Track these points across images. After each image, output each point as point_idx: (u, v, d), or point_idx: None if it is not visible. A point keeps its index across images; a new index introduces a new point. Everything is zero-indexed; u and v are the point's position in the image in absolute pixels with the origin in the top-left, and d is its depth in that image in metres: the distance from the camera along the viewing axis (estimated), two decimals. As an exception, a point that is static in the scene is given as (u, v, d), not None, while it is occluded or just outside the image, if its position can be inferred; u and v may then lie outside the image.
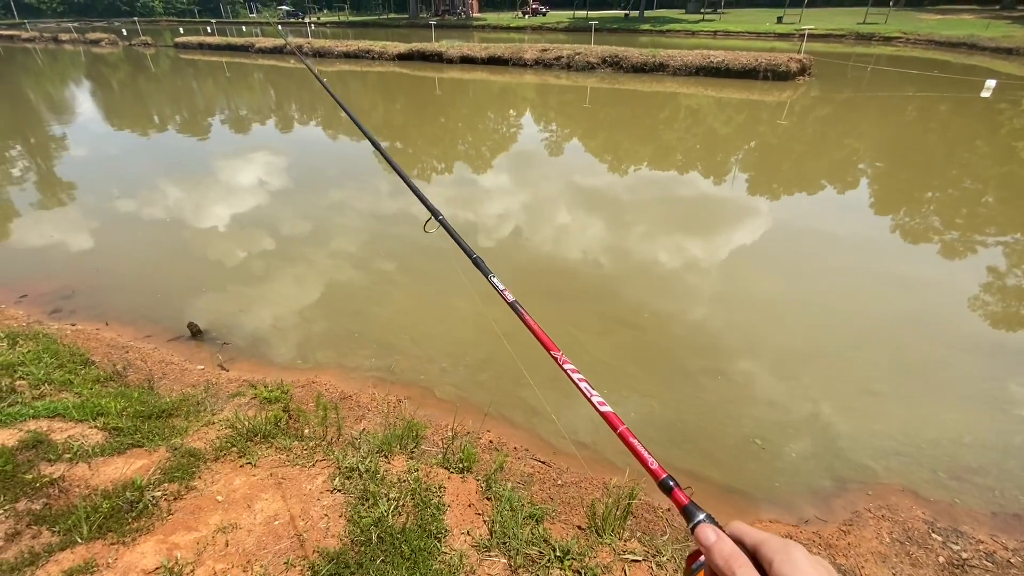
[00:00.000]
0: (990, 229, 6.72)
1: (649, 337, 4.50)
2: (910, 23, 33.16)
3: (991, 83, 14.03)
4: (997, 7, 40.62)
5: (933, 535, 2.71)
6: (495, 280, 1.15)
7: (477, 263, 1.21)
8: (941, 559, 2.57)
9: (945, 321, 4.76)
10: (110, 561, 2.10)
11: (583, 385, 0.75)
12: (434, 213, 1.59)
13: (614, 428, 0.69)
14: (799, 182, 8.72)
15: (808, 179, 8.84)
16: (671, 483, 0.60)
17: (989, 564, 2.55)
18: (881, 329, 4.60)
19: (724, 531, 0.51)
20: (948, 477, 3.12)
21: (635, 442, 0.66)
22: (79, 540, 2.17)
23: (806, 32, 22.47)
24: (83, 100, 17.63)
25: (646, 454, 0.64)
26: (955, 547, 2.64)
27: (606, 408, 0.71)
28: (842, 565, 2.52)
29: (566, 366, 0.78)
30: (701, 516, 0.54)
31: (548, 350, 0.82)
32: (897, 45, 28.00)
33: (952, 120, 12.70)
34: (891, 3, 38.89)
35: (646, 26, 38.21)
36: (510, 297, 1.07)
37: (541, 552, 2.28)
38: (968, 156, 9.84)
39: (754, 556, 0.47)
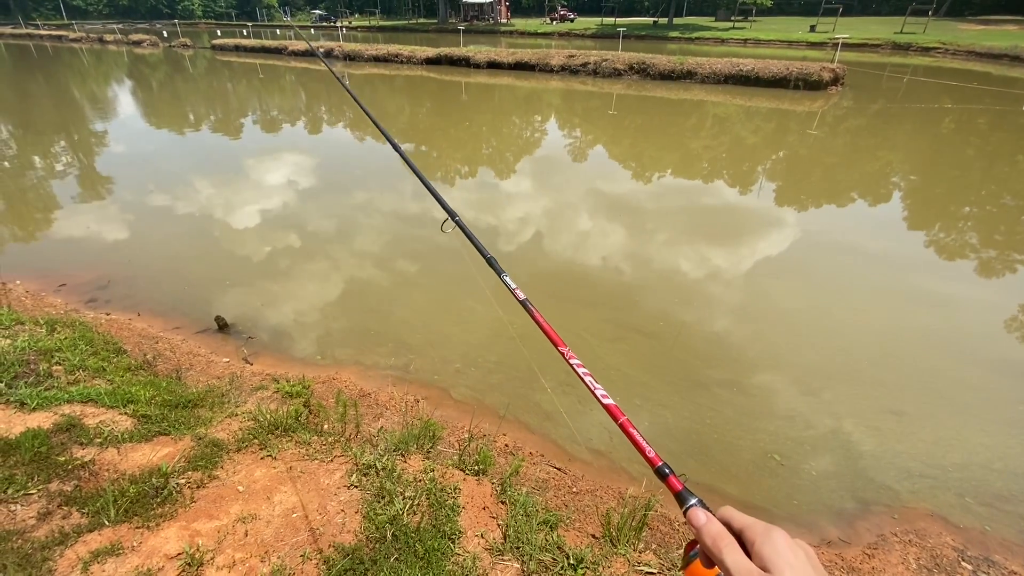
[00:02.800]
0: (1030, 247, 6.47)
1: (665, 346, 4.45)
2: (950, 33, 32.21)
3: (1035, 96, 13.55)
4: (1044, 18, 39.16)
5: (963, 563, 2.61)
6: (507, 279, 1.20)
7: (491, 263, 1.27)
8: (970, 588, 2.47)
9: (977, 341, 4.59)
10: (135, 544, 2.17)
11: (587, 379, 0.79)
12: (451, 214, 1.64)
13: (615, 419, 0.73)
14: (828, 194, 8.53)
15: (838, 191, 8.64)
16: (666, 470, 0.64)
17: (1021, 596, 2.44)
18: (909, 347, 4.46)
19: (714, 515, 0.55)
20: (977, 503, 3.00)
21: (634, 432, 0.71)
22: (106, 522, 2.24)
23: (840, 41, 22.01)
24: (124, 99, 18.30)
25: (644, 443, 0.69)
26: (985, 577, 2.54)
27: (608, 400, 0.75)
28: (864, 588, 2.45)
29: (572, 361, 0.83)
30: (693, 500, 0.58)
31: (556, 345, 0.88)
32: (935, 56, 27.23)
33: (992, 134, 12.28)
34: (930, 12, 37.84)
35: (675, 33, 37.94)
36: (521, 295, 1.13)
37: (555, 559, 2.27)
38: (1008, 171, 9.50)
39: (740, 538, 0.51)
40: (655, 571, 2.29)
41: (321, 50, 28.05)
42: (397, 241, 6.60)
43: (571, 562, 2.25)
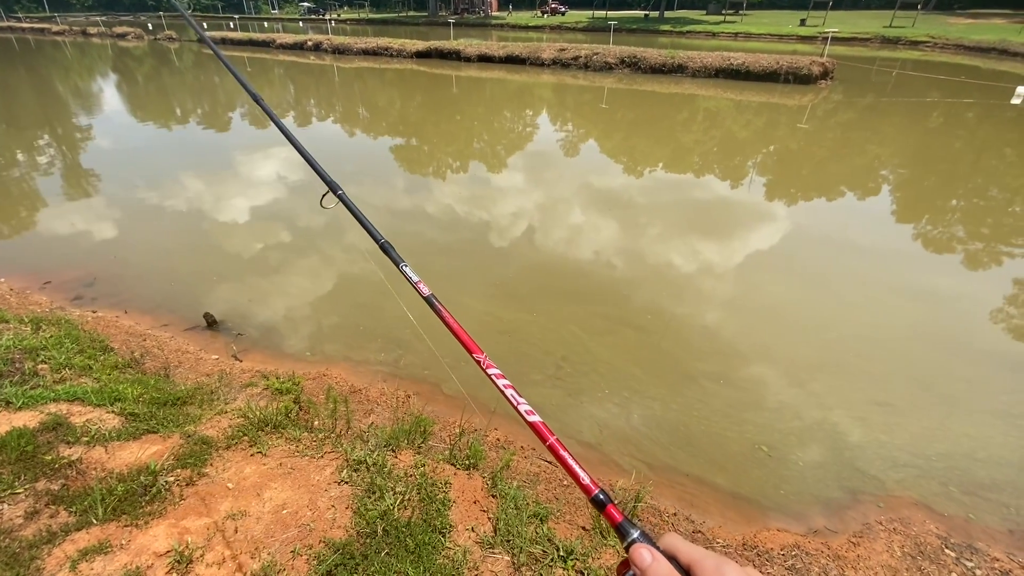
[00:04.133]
0: (1017, 240, 6.56)
1: (655, 340, 4.48)
2: (938, 27, 32.43)
3: (1022, 89, 13.68)
4: (1030, 12, 39.50)
5: (946, 551, 2.66)
6: (407, 269, 1.05)
7: (385, 249, 1.07)
8: (954, 575, 2.52)
9: (963, 333, 4.66)
10: (123, 542, 2.16)
11: (509, 392, 0.71)
12: (332, 187, 1.37)
13: (543, 440, 0.65)
14: (818, 188, 8.59)
15: (828, 185, 8.70)
16: (603, 498, 0.58)
17: (1002, 582, 2.49)
18: (896, 339, 4.52)
19: (658, 547, 0.51)
20: (961, 492, 3.06)
21: (565, 455, 0.64)
22: (94, 521, 2.23)
23: (830, 35, 22.10)
24: (109, 93, 18.01)
25: (577, 469, 0.62)
26: (969, 564, 2.59)
27: (534, 418, 0.68)
28: (850, 576, 2.49)
29: (490, 371, 0.73)
30: (635, 534, 0.53)
31: (470, 352, 0.76)
32: (924, 49, 27.41)
33: (980, 127, 12.41)
34: (919, 6, 38.05)
35: (666, 27, 37.89)
36: (425, 291, 0.99)
37: (545, 551, 2.29)
38: (996, 164, 9.61)
39: (688, 572, 0.48)
40: None
41: (309, 43, 27.74)
42: (388, 235, 6.54)
43: (561, 554, 2.27)
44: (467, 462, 2.83)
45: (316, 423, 3.16)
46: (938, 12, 43.05)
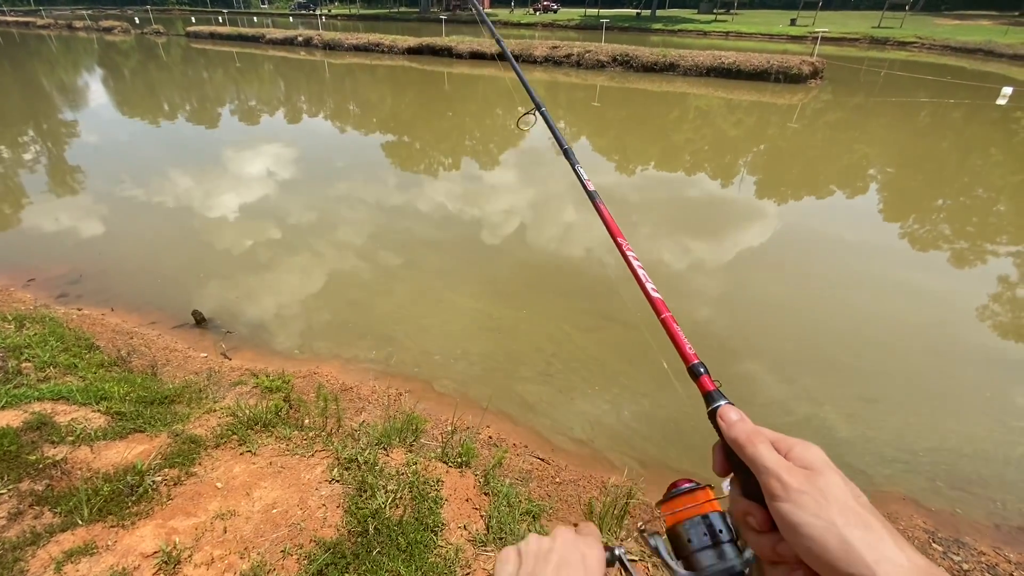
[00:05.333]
0: (1001, 238, 6.66)
1: (644, 337, 4.48)
2: (926, 28, 32.80)
3: (1007, 90, 13.87)
4: (1016, 13, 40.10)
5: (934, 544, 2.69)
6: (580, 169, 1.18)
7: (567, 153, 1.23)
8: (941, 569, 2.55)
9: (949, 330, 4.72)
10: (109, 543, 2.12)
11: (641, 272, 0.78)
12: (538, 105, 1.50)
13: (658, 313, 0.72)
14: (808, 186, 8.66)
15: (817, 183, 8.78)
16: (701, 369, 0.62)
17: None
18: (885, 336, 4.57)
19: None
20: (947, 487, 3.10)
21: (676, 328, 0.69)
22: (80, 522, 2.19)
23: (819, 35, 22.25)
24: (95, 87, 17.73)
25: (684, 339, 0.67)
26: (956, 558, 2.62)
27: (656, 294, 0.74)
28: None
29: (628, 253, 0.81)
30: (724, 401, 0.56)
31: (614, 236, 0.87)
32: (912, 50, 27.71)
33: (966, 127, 12.57)
34: (907, 7, 38.46)
35: (658, 25, 37.99)
36: (591, 186, 1.12)
37: (537, 548, 2.28)
38: (981, 164, 9.74)
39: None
40: (636, 558, 2.32)
41: (300, 39, 27.49)
42: (379, 233, 6.53)
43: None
44: (459, 460, 2.82)
45: (306, 421, 3.13)
46: (925, 13, 43.54)
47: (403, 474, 2.62)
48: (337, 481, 2.56)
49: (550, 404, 3.70)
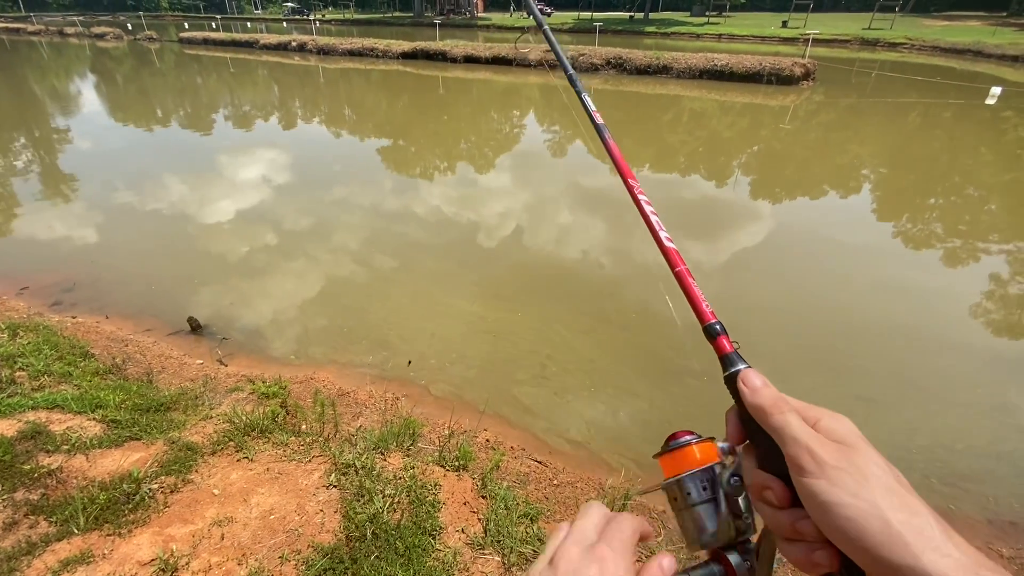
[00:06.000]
0: (993, 236, 6.72)
1: (640, 338, 4.51)
2: (915, 29, 33.10)
3: (996, 90, 14.01)
4: (1004, 14, 40.56)
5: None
6: (587, 98, 1.11)
7: (572, 80, 1.17)
8: (934, 565, 2.57)
9: (942, 328, 4.76)
10: (106, 552, 2.12)
11: (653, 218, 0.71)
12: (539, 24, 1.41)
13: (673, 266, 0.66)
14: (802, 187, 8.72)
15: (811, 184, 8.84)
16: (718, 328, 0.58)
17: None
18: (878, 335, 4.60)
19: None
20: (941, 483, 3.12)
21: (692, 283, 0.64)
22: (76, 531, 2.18)
23: (811, 37, 22.43)
24: (87, 94, 17.67)
25: (701, 296, 0.62)
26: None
27: (671, 245, 0.68)
28: None
29: (640, 196, 0.75)
30: (744, 365, 0.52)
31: (624, 177, 0.78)
32: (902, 51, 27.96)
33: (956, 127, 12.69)
34: (897, 9, 38.82)
35: (650, 28, 38.19)
36: (599, 119, 1.04)
37: (535, 551, 2.29)
38: (972, 163, 9.83)
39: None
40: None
41: (294, 44, 27.49)
42: (375, 237, 6.53)
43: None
44: (456, 463, 2.82)
45: (303, 427, 3.13)
46: (915, 14, 43.96)
47: (400, 478, 2.63)
48: (335, 486, 2.56)
49: (546, 406, 3.71)
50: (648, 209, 0.71)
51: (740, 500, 0.48)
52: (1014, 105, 14.21)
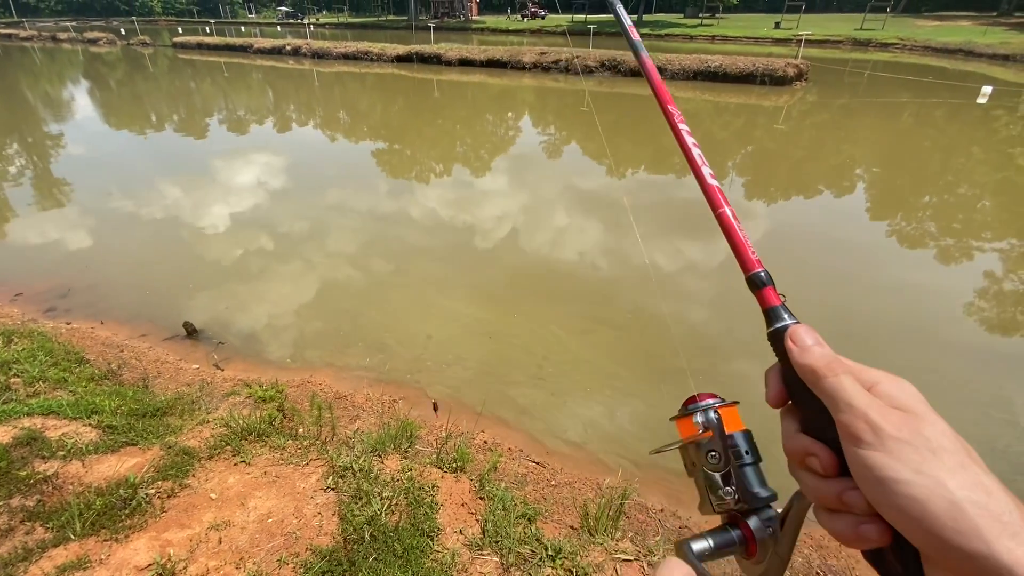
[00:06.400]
0: (986, 235, 6.77)
1: (636, 339, 4.52)
2: (907, 29, 33.36)
3: (987, 89, 14.12)
4: (995, 13, 40.92)
5: (923, 537, 2.73)
6: (621, 11, 1.02)
7: None
8: (930, 560, 2.59)
9: (936, 326, 4.80)
10: (103, 557, 2.11)
11: (695, 152, 0.61)
12: None
13: (715, 208, 0.57)
14: (796, 186, 8.77)
15: (805, 184, 8.89)
16: (764, 278, 0.51)
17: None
18: (873, 333, 4.63)
19: None
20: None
21: (735, 225, 0.54)
22: (72, 537, 2.17)
23: (803, 37, 22.58)
24: (81, 99, 17.61)
25: (746, 241, 0.54)
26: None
27: (713, 182, 0.59)
28: (833, 566, 2.54)
29: (681, 126, 0.64)
30: (794, 320, 0.47)
31: (663, 104, 0.68)
32: (894, 51, 28.17)
33: (948, 126, 12.78)
34: (888, 9, 39.13)
35: (644, 30, 38.34)
36: (635, 35, 0.90)
37: (533, 551, 2.29)
38: (964, 162, 9.91)
39: None
40: (631, 558, 2.34)
41: (288, 48, 27.48)
42: (371, 241, 6.53)
43: (549, 553, 2.27)
44: (454, 465, 2.82)
45: (301, 430, 3.12)
46: (906, 14, 44.30)
47: (398, 480, 2.63)
48: (332, 489, 2.56)
49: (543, 407, 3.72)
50: (690, 141, 0.61)
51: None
52: (1005, 104, 14.35)
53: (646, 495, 2.93)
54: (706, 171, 0.58)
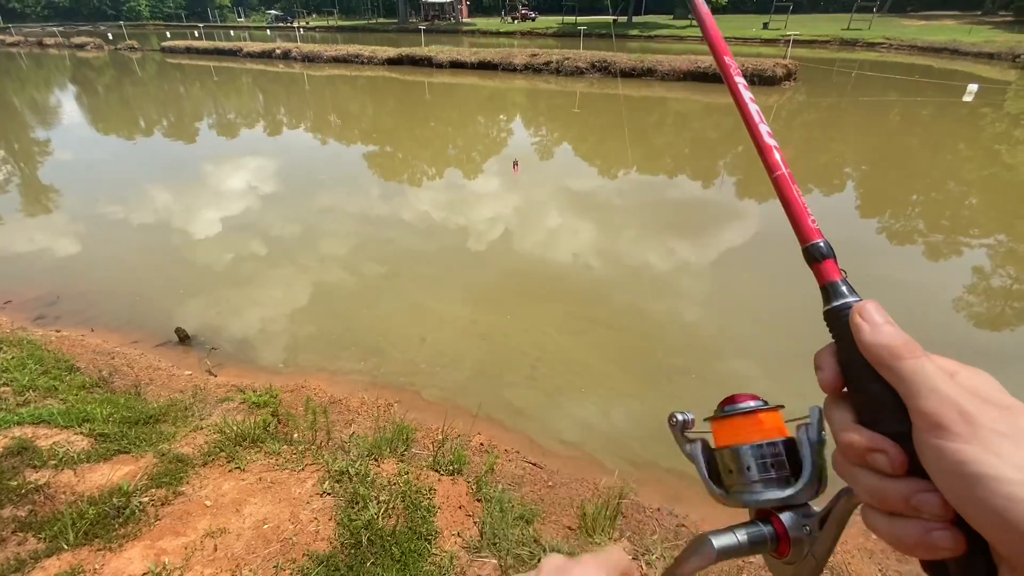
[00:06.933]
0: (974, 231, 6.85)
1: (629, 338, 4.53)
2: (893, 29, 33.77)
3: (973, 87, 14.31)
4: (979, 12, 41.49)
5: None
6: None
7: None
8: (924, 554, 2.61)
9: (927, 322, 4.84)
10: (97, 567, 2.09)
11: (752, 108, 0.53)
12: None
13: (772, 170, 0.51)
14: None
15: (796, 182, 8.94)
16: (823, 249, 0.46)
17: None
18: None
19: None
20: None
21: (794, 190, 0.49)
22: (65, 546, 2.15)
23: (791, 38, 22.80)
24: (68, 105, 17.45)
25: (804, 206, 0.48)
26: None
27: (771, 141, 0.53)
28: (829, 562, 2.56)
29: (737, 79, 0.54)
30: (857, 298, 0.42)
31: (719, 55, 0.57)
32: (880, 51, 28.49)
33: (935, 124, 12.94)
34: (875, 9, 39.59)
35: (634, 31, 38.58)
36: None
37: (531, 552, 2.29)
38: (951, 159, 10.03)
39: None
40: (629, 556, 2.34)
41: (278, 51, 27.38)
42: (363, 244, 6.51)
43: (547, 554, 2.27)
44: (451, 468, 2.82)
45: (296, 435, 3.10)
46: (892, 14, 44.84)
47: (395, 484, 2.62)
48: (328, 494, 2.54)
49: (539, 408, 3.72)
50: (746, 96, 0.53)
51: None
52: (990, 101, 14.54)
53: (643, 494, 2.94)
54: (764, 129, 0.52)
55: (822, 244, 0.46)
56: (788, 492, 0.43)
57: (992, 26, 33.43)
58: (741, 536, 0.42)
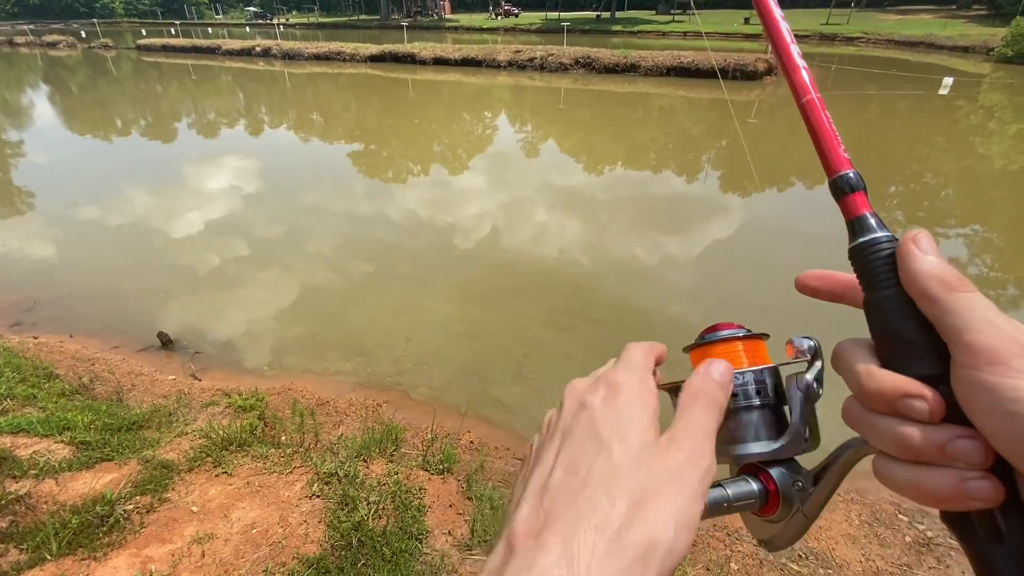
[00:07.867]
0: (950, 221, 7.01)
1: (616, 333, 4.56)
2: (871, 23, 34.29)
3: (948, 81, 14.59)
4: (954, 6, 42.31)
5: (900, 516, 2.82)
6: None
7: None
8: (908, 539, 2.68)
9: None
10: (80, 578, 2.05)
11: (783, 25, 0.46)
12: None
13: (800, 95, 0.45)
14: (770, 179, 8.94)
15: (779, 176, 9.07)
16: (852, 178, 0.41)
17: (952, 542, 2.66)
18: (856, 324, 4.75)
19: None
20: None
21: (824, 117, 0.44)
22: (48, 557, 2.11)
23: (772, 32, 23.02)
24: (41, 105, 17.02)
25: (834, 133, 0.44)
26: (920, 527, 2.75)
27: (801, 62, 0.46)
28: (814, 548, 2.61)
29: (776, 12, 0.47)
30: (888, 233, 0.39)
31: (768, 20, 0.46)
32: (859, 45, 28.93)
33: (912, 117, 13.18)
34: (852, 4, 40.15)
35: (617, 27, 38.68)
36: None
37: (522, 549, 2.30)
38: (928, 151, 10.23)
39: None
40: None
41: (258, 49, 26.96)
42: (347, 243, 6.45)
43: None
44: (440, 467, 2.82)
45: (283, 438, 3.07)
46: (870, 9, 45.51)
47: (385, 484, 2.61)
48: (318, 496, 2.53)
49: (527, 405, 3.73)
50: (777, 13, 0.47)
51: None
52: (965, 94, 14.85)
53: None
54: (794, 49, 0.46)
55: (852, 175, 0.41)
56: (775, 447, 0.39)
57: (967, 20, 34.13)
58: (732, 491, 0.38)
